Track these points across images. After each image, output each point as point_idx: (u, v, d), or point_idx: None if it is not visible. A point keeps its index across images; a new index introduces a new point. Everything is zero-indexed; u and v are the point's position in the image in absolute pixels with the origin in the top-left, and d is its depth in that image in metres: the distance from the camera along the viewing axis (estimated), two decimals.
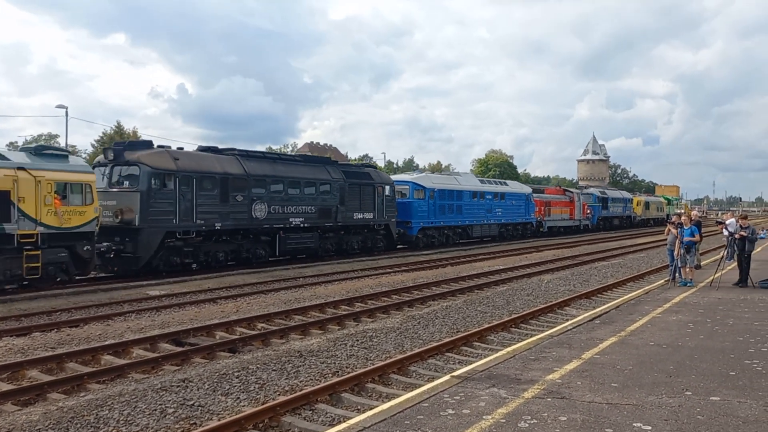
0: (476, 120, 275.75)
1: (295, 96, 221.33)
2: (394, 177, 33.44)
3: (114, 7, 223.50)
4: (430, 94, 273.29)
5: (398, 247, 31.21)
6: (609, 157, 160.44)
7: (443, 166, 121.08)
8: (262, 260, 22.99)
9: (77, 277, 17.39)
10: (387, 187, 29.06)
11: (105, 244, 18.26)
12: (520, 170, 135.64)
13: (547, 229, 44.64)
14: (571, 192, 51.21)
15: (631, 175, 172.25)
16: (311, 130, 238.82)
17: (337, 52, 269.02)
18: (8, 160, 15.60)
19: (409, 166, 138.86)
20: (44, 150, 17.29)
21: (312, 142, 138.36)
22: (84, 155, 62.69)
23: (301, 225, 24.19)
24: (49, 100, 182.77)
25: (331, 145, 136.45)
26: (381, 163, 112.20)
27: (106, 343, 10.36)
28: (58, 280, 16.63)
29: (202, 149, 23.08)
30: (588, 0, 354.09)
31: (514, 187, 42.16)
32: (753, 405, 5.92)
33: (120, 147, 20.32)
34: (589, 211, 51.31)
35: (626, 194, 64.87)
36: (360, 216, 27.22)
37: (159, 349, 10.37)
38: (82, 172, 17.32)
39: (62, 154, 17.72)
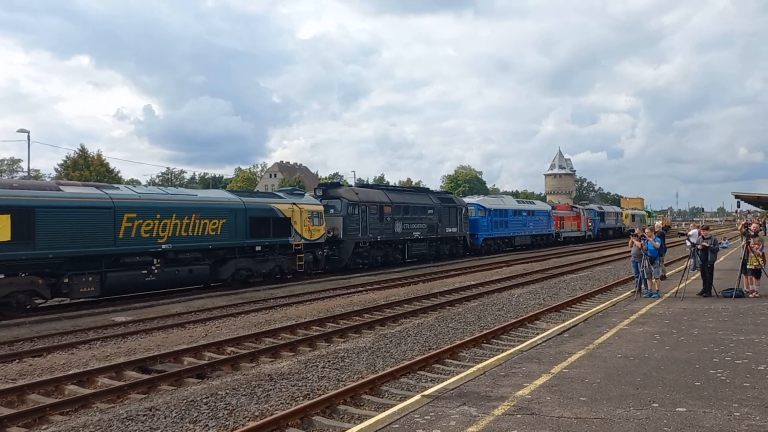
0: (445, 137, 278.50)
1: (264, 116, 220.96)
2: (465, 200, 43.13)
3: (77, 30, 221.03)
4: (399, 112, 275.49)
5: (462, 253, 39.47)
6: (575, 171, 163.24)
7: (414, 183, 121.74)
8: (399, 263, 32.35)
9: (312, 272, 26.52)
10: (463, 208, 38.58)
11: (325, 250, 27.12)
12: (489, 185, 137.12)
13: (563, 239, 53.87)
14: (578, 208, 60.60)
15: (596, 188, 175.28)
16: (281, 150, 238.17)
17: (306, 71, 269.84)
18: (286, 198, 25.53)
19: (380, 183, 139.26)
20: (294, 191, 28.36)
21: (282, 162, 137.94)
22: (48, 179, 61.57)
23: (419, 237, 33.61)
24: (11, 123, 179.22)
25: (301, 164, 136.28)
26: (351, 182, 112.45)
27: (70, 372, 10.10)
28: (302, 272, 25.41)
29: (359, 186, 34.91)
30: (551, 18, 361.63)
31: (539, 205, 52.74)
32: (718, 415, 6.01)
33: (325, 187, 30.49)
34: (590, 224, 60.16)
35: (617, 209, 75.52)
36: (450, 230, 36.68)
37: (125, 377, 10.14)
38: (317, 204, 26.96)
39: (302, 193, 28.46)
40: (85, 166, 66.68)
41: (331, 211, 28.20)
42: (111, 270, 18.25)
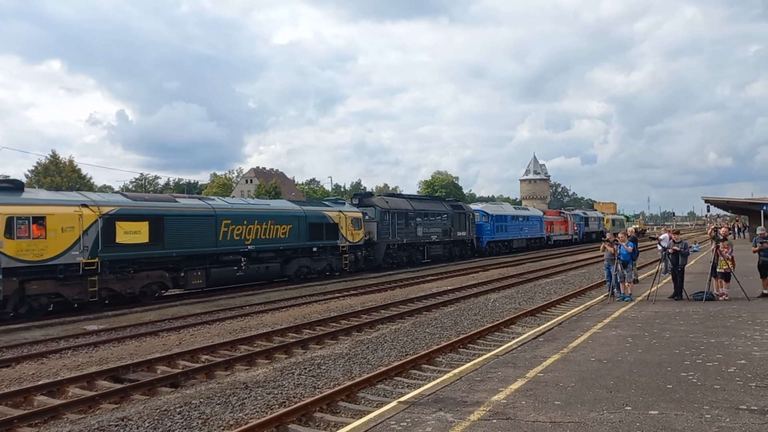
0: (422, 143, 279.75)
1: (239, 121, 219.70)
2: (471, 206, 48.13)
3: (47, 34, 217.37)
4: (376, 118, 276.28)
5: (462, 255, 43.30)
6: (549, 176, 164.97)
7: (390, 189, 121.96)
8: (419, 263, 36.62)
9: (348, 270, 30.01)
10: (471, 214, 43.17)
11: (363, 252, 31.33)
12: (465, 191, 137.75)
13: (553, 242, 58.56)
14: (565, 213, 66.06)
15: (570, 193, 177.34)
16: (257, 155, 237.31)
17: (282, 77, 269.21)
18: (333, 207, 29.96)
19: (357, 189, 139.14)
20: (337, 200, 33.58)
21: (258, 168, 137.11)
22: None
23: (436, 240, 38.14)
24: None
25: (277, 170, 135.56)
26: (328, 187, 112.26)
27: (40, 383, 9.90)
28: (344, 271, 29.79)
29: (387, 194, 39.41)
30: (524, 26, 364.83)
31: (532, 211, 57.97)
32: (689, 417, 6.10)
33: (360, 196, 34.95)
34: (576, 228, 65.29)
35: (599, 214, 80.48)
36: (460, 234, 41.25)
37: (96, 386, 9.97)
38: (357, 211, 31.22)
39: (343, 201, 33.55)
40: (57, 173, 65.69)
41: (366, 217, 31.99)
42: (213, 266, 22.56)
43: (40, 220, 17.26)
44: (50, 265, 17.46)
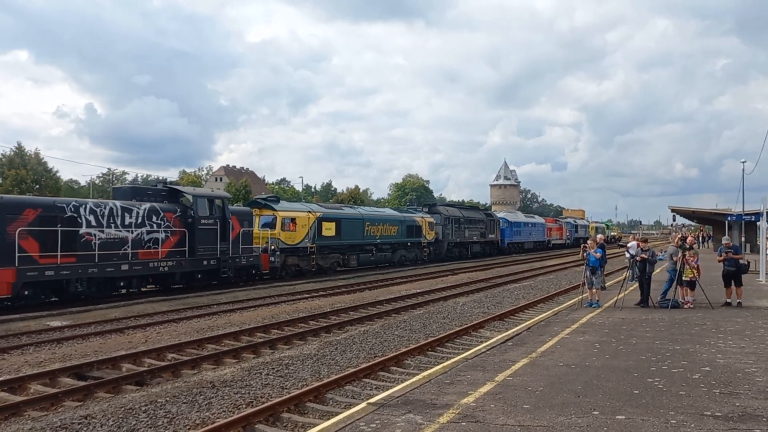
0: (394, 145, 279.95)
1: (210, 118, 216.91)
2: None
3: (15, 23, 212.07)
4: (348, 119, 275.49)
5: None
6: (520, 182, 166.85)
7: (362, 191, 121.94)
8: (465, 257, 46.68)
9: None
10: (498, 221, 54.07)
11: (431, 247, 41.77)
12: (436, 194, 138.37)
13: (552, 245, 68.83)
14: (560, 221, 78.25)
15: (540, 199, 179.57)
16: (228, 153, 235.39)
17: (255, 75, 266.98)
18: (417, 214, 41.43)
19: (327, 190, 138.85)
20: (416, 209, 44.43)
21: (228, 166, 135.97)
22: None
23: (476, 240, 48.89)
24: None
25: (248, 169, 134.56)
26: (299, 187, 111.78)
27: (0, 379, 9.63)
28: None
29: (445, 204, 50.78)
30: (499, 32, 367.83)
31: (537, 219, 70.01)
32: (655, 422, 6.19)
33: (429, 206, 46.37)
34: (568, 234, 76.49)
35: (585, 222, 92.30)
36: (491, 236, 51.93)
37: (59, 384, 9.74)
38: (431, 217, 41.97)
39: (420, 210, 44.14)
40: (22, 165, 64.25)
41: (434, 222, 42.45)
42: (360, 253, 33.88)
43: (294, 220, 29.11)
44: (297, 247, 29.10)
